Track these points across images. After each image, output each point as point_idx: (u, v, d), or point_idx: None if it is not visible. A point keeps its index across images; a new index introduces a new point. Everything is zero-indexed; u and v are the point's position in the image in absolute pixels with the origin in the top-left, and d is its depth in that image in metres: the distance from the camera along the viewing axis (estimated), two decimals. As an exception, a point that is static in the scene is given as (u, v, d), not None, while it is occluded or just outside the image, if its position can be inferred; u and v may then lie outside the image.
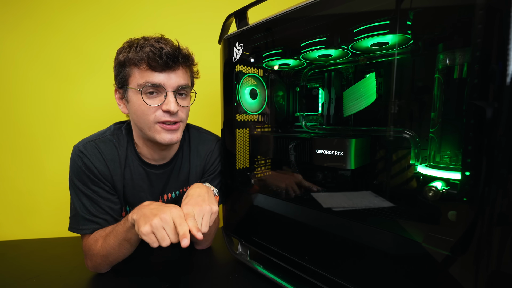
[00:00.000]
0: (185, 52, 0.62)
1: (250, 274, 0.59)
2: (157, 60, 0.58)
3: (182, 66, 0.62)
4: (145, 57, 0.58)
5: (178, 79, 0.61)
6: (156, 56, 0.58)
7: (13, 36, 1.01)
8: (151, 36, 0.64)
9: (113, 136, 0.70)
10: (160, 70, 0.60)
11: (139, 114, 0.62)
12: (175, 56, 0.60)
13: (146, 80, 0.59)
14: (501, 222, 0.28)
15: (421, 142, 0.46)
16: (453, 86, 0.38)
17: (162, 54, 0.58)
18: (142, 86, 0.60)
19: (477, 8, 0.28)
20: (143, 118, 0.62)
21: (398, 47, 0.48)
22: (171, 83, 0.61)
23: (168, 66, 0.60)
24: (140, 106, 0.61)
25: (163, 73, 0.60)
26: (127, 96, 0.63)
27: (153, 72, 0.60)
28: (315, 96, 0.63)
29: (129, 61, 0.60)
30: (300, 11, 0.47)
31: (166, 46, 0.60)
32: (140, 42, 0.61)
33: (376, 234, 0.41)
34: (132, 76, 0.61)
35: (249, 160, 0.70)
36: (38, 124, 1.06)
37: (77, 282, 0.58)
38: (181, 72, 0.62)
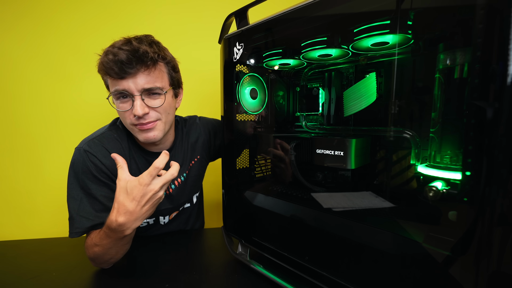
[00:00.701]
0: (139, 55, 0.60)
1: (250, 274, 0.59)
2: (112, 69, 0.59)
3: (143, 69, 0.61)
4: (103, 67, 0.61)
5: (142, 81, 0.62)
6: (111, 65, 0.59)
7: (11, 35, 1.01)
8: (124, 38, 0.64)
9: (112, 131, 0.72)
10: (119, 78, 0.60)
11: (120, 118, 0.68)
12: (129, 62, 0.59)
13: (114, 88, 0.62)
14: (502, 222, 0.27)
15: (422, 142, 0.46)
16: (454, 86, 0.38)
17: (117, 61, 0.59)
18: (112, 93, 0.64)
19: (477, 8, 0.28)
20: (123, 121, 0.68)
21: (398, 47, 0.48)
22: (135, 87, 0.61)
23: (125, 72, 0.60)
24: (118, 110, 0.65)
25: (124, 80, 0.61)
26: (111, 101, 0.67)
27: (116, 79, 0.61)
28: (315, 96, 0.63)
29: (99, 69, 0.63)
30: (301, 11, 0.47)
31: (122, 52, 0.59)
32: (106, 49, 0.62)
33: (376, 234, 0.41)
34: (107, 84, 0.66)
35: (249, 160, 0.70)
36: (37, 123, 1.06)
37: (77, 282, 0.58)
38: (142, 75, 0.62)
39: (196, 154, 0.84)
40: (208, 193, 1.11)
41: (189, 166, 0.83)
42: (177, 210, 0.84)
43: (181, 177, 0.81)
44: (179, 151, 0.81)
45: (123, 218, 0.53)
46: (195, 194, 0.88)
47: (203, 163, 0.87)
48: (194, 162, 0.84)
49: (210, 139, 0.87)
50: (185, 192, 0.83)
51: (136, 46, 0.60)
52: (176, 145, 0.80)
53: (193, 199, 0.88)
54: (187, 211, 0.87)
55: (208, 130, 0.87)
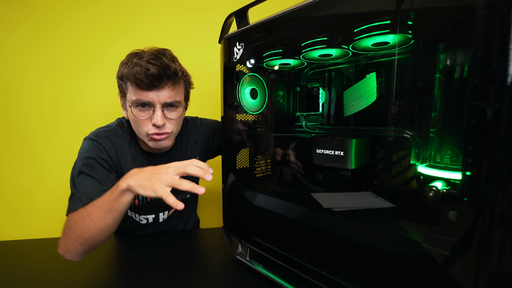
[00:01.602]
0: (170, 72, 0.66)
1: (250, 274, 0.59)
2: (143, 81, 0.64)
3: (170, 83, 0.67)
4: (132, 77, 0.64)
5: (166, 95, 0.67)
6: (142, 77, 0.63)
7: (12, 35, 1.01)
8: (150, 50, 0.69)
9: (118, 128, 0.77)
10: (147, 89, 0.65)
11: (134, 125, 0.71)
12: (160, 77, 0.64)
13: (136, 97, 0.66)
14: (502, 222, 0.27)
15: (422, 142, 0.46)
16: (454, 86, 0.38)
17: (148, 75, 0.63)
18: (133, 102, 0.67)
19: (478, 8, 0.28)
20: (137, 129, 0.71)
21: (398, 47, 0.48)
22: (158, 100, 0.67)
23: (154, 86, 0.65)
24: (134, 118, 0.69)
25: (150, 92, 0.66)
26: (126, 106, 0.71)
27: (142, 90, 0.66)
28: (315, 96, 0.63)
29: (124, 77, 0.67)
30: (301, 11, 0.47)
31: (154, 67, 0.64)
32: (133, 60, 0.66)
33: (376, 234, 0.41)
34: (127, 91, 0.69)
35: (249, 160, 0.70)
36: (37, 124, 1.06)
37: (77, 282, 0.58)
38: (168, 89, 0.67)
39: (194, 155, 0.86)
40: (208, 193, 1.10)
41: None
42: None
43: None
44: (178, 152, 0.84)
45: (135, 171, 0.56)
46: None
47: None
48: None
49: (209, 141, 0.89)
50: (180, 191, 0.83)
51: (166, 63, 0.66)
52: (176, 146, 0.84)
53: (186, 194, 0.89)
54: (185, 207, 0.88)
55: (207, 132, 0.89)
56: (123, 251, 0.73)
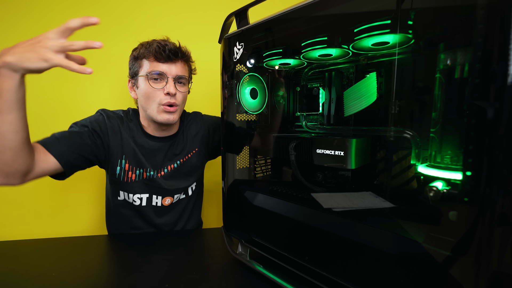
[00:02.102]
0: (183, 50, 0.81)
1: (250, 274, 0.59)
2: (161, 53, 0.75)
3: (181, 60, 0.80)
4: (153, 51, 0.76)
5: (177, 70, 0.78)
6: (161, 50, 0.75)
7: (12, 35, 1.01)
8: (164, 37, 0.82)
9: (124, 114, 0.85)
10: (163, 61, 0.76)
11: (146, 97, 0.78)
12: (175, 52, 0.77)
13: (153, 69, 0.76)
14: (502, 222, 0.27)
15: (422, 142, 0.46)
16: (454, 86, 0.38)
17: (166, 49, 0.76)
18: (149, 72, 0.76)
19: (478, 8, 0.27)
20: (149, 100, 0.78)
21: (399, 46, 0.48)
22: (171, 72, 0.77)
23: (169, 59, 0.77)
24: (147, 89, 0.77)
25: (165, 64, 0.77)
26: (137, 83, 0.79)
27: (158, 62, 0.76)
28: (315, 96, 0.63)
29: (141, 55, 0.77)
30: (301, 10, 0.47)
31: (170, 44, 0.78)
32: (150, 42, 0.79)
33: (376, 234, 0.41)
34: (142, 67, 0.78)
35: (249, 159, 0.70)
36: (37, 123, 1.05)
37: (76, 282, 0.58)
38: (180, 65, 0.79)
39: (194, 146, 0.89)
40: (208, 193, 1.10)
41: (186, 157, 0.88)
42: (171, 197, 0.87)
43: (174, 164, 0.86)
44: (180, 140, 0.88)
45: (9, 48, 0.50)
46: (191, 185, 0.90)
47: (201, 156, 0.91)
48: (192, 154, 0.89)
49: (209, 135, 0.92)
50: (177, 179, 0.87)
51: (179, 44, 0.81)
52: (178, 134, 0.88)
53: (188, 191, 0.90)
54: (182, 203, 0.90)
55: (208, 126, 0.92)
56: (123, 251, 0.73)
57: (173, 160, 0.87)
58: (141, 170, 0.83)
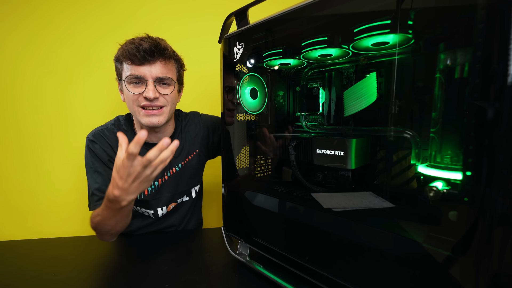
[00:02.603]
0: (161, 47, 0.72)
1: (250, 274, 0.59)
2: (135, 55, 0.69)
3: (160, 59, 0.72)
4: (126, 53, 0.69)
5: (157, 70, 0.71)
6: (134, 52, 0.68)
7: (12, 35, 1.01)
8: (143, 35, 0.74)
9: (114, 125, 0.82)
10: (139, 64, 0.70)
11: (128, 101, 0.74)
12: (151, 51, 0.69)
13: (130, 72, 0.70)
14: (502, 222, 0.27)
15: (422, 142, 0.46)
16: (454, 86, 0.38)
17: (140, 49, 0.68)
18: (127, 77, 0.71)
19: (478, 8, 0.27)
20: (130, 104, 0.74)
21: (399, 46, 0.47)
22: (151, 74, 0.71)
23: (146, 60, 0.70)
24: (128, 94, 0.72)
25: (142, 66, 0.70)
26: (122, 87, 0.74)
27: (135, 65, 0.70)
28: (315, 96, 0.63)
29: (119, 57, 0.72)
30: (301, 10, 0.47)
31: (145, 43, 0.69)
32: (127, 41, 0.72)
33: (376, 234, 0.41)
34: (123, 71, 0.73)
35: (249, 159, 0.70)
36: (37, 123, 1.06)
37: (76, 282, 0.58)
38: (159, 65, 0.72)
39: (194, 148, 0.88)
40: (208, 193, 1.10)
41: (187, 159, 0.86)
42: (175, 202, 0.86)
43: (176, 167, 0.85)
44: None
45: (117, 191, 0.59)
46: (194, 187, 0.90)
47: (201, 157, 0.90)
48: (192, 156, 0.87)
49: (209, 135, 0.90)
50: (181, 183, 0.86)
51: (157, 40, 0.72)
52: (175, 136, 0.86)
53: (191, 193, 0.90)
54: (186, 205, 0.90)
55: (207, 126, 0.91)
56: (123, 251, 0.73)
57: (174, 164, 0.84)
58: None
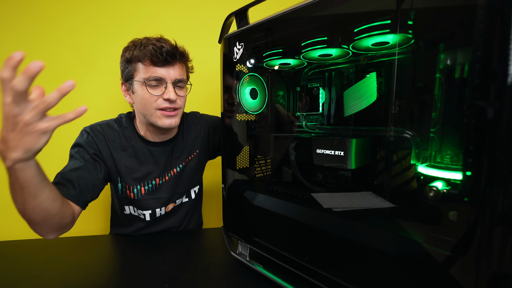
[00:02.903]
0: (181, 50, 0.74)
1: (250, 274, 0.59)
2: (158, 57, 0.69)
3: (179, 62, 0.74)
4: (148, 54, 0.69)
5: (176, 73, 0.73)
6: (157, 53, 0.69)
7: (11, 34, 1.01)
8: (152, 36, 0.74)
9: (115, 122, 0.81)
10: (161, 65, 0.71)
11: (143, 103, 0.73)
12: (173, 54, 0.71)
13: (150, 74, 0.70)
14: (503, 222, 0.27)
15: (422, 142, 0.46)
16: (454, 86, 0.38)
17: (163, 51, 0.69)
18: (146, 79, 0.70)
19: (478, 8, 0.27)
20: (147, 106, 0.73)
21: (399, 46, 0.47)
22: (170, 76, 0.72)
23: (167, 62, 0.71)
24: (144, 95, 0.71)
25: (163, 68, 0.71)
26: (133, 88, 0.74)
27: (155, 67, 0.70)
28: (315, 96, 0.63)
29: (135, 58, 0.71)
30: (301, 10, 0.47)
31: (166, 44, 0.70)
32: (143, 41, 0.72)
33: (376, 234, 0.41)
34: (137, 71, 0.72)
35: (249, 159, 0.70)
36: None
37: (76, 282, 0.58)
38: (178, 67, 0.74)
39: (195, 149, 0.88)
40: (208, 193, 1.10)
41: (187, 159, 0.86)
42: (174, 202, 0.86)
43: (177, 168, 0.85)
44: (180, 143, 0.86)
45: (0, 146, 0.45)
46: (193, 188, 0.90)
47: (201, 158, 0.89)
48: (192, 156, 0.87)
49: (209, 135, 0.90)
50: (180, 184, 0.85)
51: (175, 44, 0.74)
52: (178, 137, 0.86)
53: (191, 193, 0.90)
54: (186, 206, 0.89)
55: (208, 127, 0.90)
56: (123, 251, 0.73)
57: (176, 164, 0.84)
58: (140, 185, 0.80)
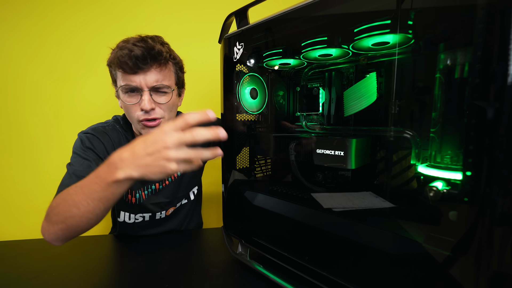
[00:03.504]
0: (155, 53, 0.64)
1: (250, 274, 0.59)
2: (127, 63, 0.62)
3: (156, 66, 0.66)
4: (117, 61, 0.63)
5: (152, 79, 0.65)
6: (126, 59, 0.62)
7: (11, 34, 1.01)
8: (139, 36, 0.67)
9: (115, 123, 0.78)
10: (132, 73, 0.64)
11: (126, 111, 0.70)
12: (144, 58, 0.62)
13: (124, 82, 0.65)
14: (503, 222, 0.27)
15: (422, 142, 0.46)
16: (454, 86, 0.38)
17: (131, 56, 0.62)
18: (121, 87, 0.66)
19: (478, 8, 0.27)
20: (128, 115, 0.70)
21: (399, 46, 0.47)
22: (145, 83, 0.65)
23: (139, 68, 0.63)
24: (125, 104, 0.68)
25: (136, 75, 0.64)
26: (118, 94, 0.70)
27: (128, 74, 0.64)
28: (315, 96, 0.63)
29: (111, 63, 0.67)
30: (301, 10, 0.47)
31: (137, 48, 0.62)
32: (119, 44, 0.65)
33: (376, 234, 0.41)
34: (117, 77, 0.68)
35: (249, 159, 0.70)
36: (36, 123, 1.06)
37: (77, 282, 0.58)
38: (155, 72, 0.66)
39: None
40: (208, 193, 1.10)
41: None
42: (174, 206, 0.85)
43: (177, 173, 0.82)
44: None
45: (126, 154, 0.46)
46: (192, 190, 0.90)
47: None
48: None
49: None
50: (180, 188, 0.85)
51: (151, 44, 0.64)
52: None
53: (190, 195, 0.89)
54: (185, 208, 0.89)
55: None
56: (123, 251, 0.73)
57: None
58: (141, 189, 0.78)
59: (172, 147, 0.44)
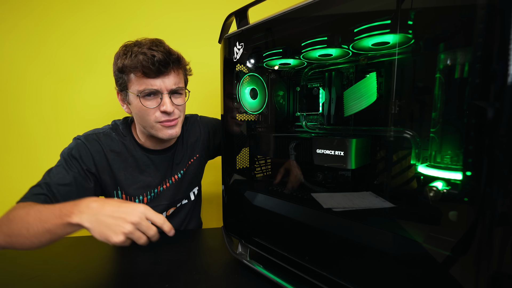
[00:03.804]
0: (175, 57, 0.67)
1: (250, 274, 0.59)
2: (150, 68, 0.63)
3: (174, 70, 0.68)
4: (139, 65, 0.63)
5: (171, 82, 0.67)
6: (149, 64, 0.63)
7: (12, 35, 1.01)
8: (145, 40, 0.67)
9: (112, 131, 0.76)
10: (154, 76, 0.65)
11: (141, 115, 0.69)
12: (166, 62, 0.65)
13: (144, 86, 0.65)
14: (503, 222, 0.27)
15: (422, 142, 0.46)
16: (454, 86, 0.38)
17: (155, 61, 0.63)
18: (140, 92, 0.66)
19: (478, 8, 0.27)
20: (145, 119, 0.69)
21: (399, 46, 0.47)
22: (165, 87, 0.67)
23: (160, 72, 0.65)
24: (141, 108, 0.68)
25: (157, 79, 0.66)
26: (128, 99, 0.70)
27: (148, 78, 0.65)
28: (315, 96, 0.63)
29: (126, 68, 0.65)
30: (301, 10, 0.47)
31: (158, 53, 0.64)
32: (134, 49, 0.65)
33: (376, 234, 0.41)
34: (130, 82, 0.67)
35: (249, 159, 0.70)
36: (37, 123, 1.06)
37: (76, 282, 0.58)
38: (173, 75, 0.68)
39: (195, 153, 0.86)
40: (208, 193, 1.10)
41: (187, 164, 0.85)
42: (174, 207, 0.86)
43: (178, 174, 0.83)
44: (180, 149, 0.84)
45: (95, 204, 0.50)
46: (192, 190, 0.90)
47: (201, 161, 0.89)
48: (193, 161, 0.86)
49: (209, 138, 0.89)
50: (181, 189, 0.85)
51: (168, 49, 0.67)
52: (178, 144, 0.84)
53: (190, 196, 0.89)
54: (185, 208, 0.89)
55: (208, 129, 0.89)
56: (123, 251, 0.73)
57: (176, 171, 0.83)
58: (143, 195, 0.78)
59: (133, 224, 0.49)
